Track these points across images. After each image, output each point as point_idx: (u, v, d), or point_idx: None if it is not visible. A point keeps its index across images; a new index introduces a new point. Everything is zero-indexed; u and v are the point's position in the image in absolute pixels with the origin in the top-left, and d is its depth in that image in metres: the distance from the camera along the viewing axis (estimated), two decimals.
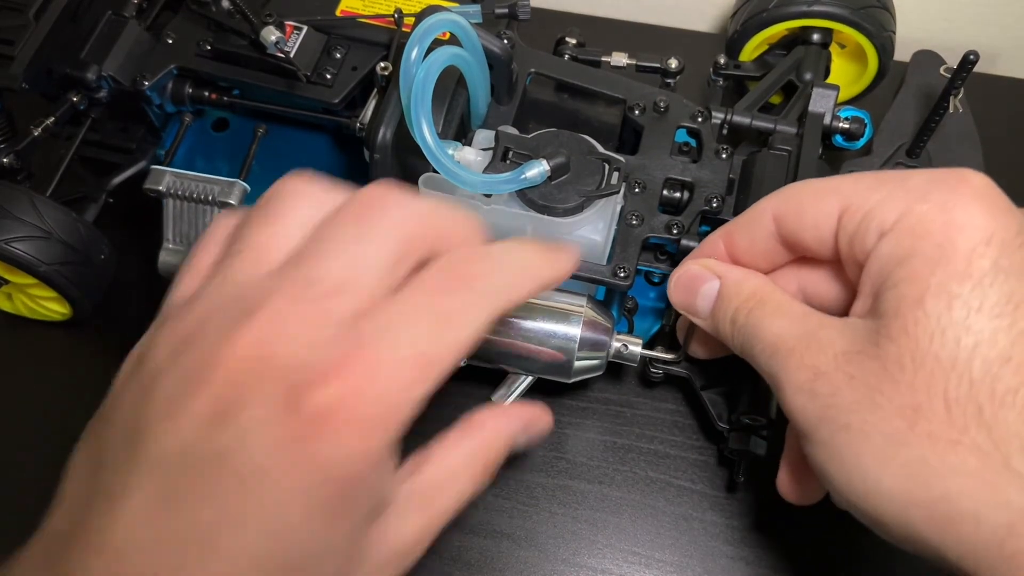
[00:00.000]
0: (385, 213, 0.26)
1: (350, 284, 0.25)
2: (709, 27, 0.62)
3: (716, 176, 0.41)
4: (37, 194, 0.42)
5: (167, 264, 0.39)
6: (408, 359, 0.25)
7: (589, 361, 0.37)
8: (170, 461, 0.24)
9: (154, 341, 0.27)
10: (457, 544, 0.41)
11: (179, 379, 0.25)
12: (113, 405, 0.27)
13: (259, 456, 0.24)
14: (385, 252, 0.26)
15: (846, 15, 0.46)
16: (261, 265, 0.26)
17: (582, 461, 0.43)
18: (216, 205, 0.38)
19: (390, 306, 0.25)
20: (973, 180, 0.28)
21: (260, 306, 0.25)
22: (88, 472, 0.26)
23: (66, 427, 0.45)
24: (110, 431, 0.26)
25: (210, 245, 0.29)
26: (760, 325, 0.31)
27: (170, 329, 0.26)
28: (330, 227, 0.26)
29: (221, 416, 0.24)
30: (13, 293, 0.46)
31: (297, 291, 0.25)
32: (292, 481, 0.24)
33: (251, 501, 0.24)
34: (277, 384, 0.24)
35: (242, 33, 0.44)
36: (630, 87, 0.43)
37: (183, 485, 0.24)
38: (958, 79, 0.42)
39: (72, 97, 0.44)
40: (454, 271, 0.26)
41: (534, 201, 0.37)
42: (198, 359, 0.25)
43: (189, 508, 0.24)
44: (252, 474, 0.24)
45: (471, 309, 0.26)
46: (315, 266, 0.25)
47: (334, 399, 0.24)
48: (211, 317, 0.26)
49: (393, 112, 0.38)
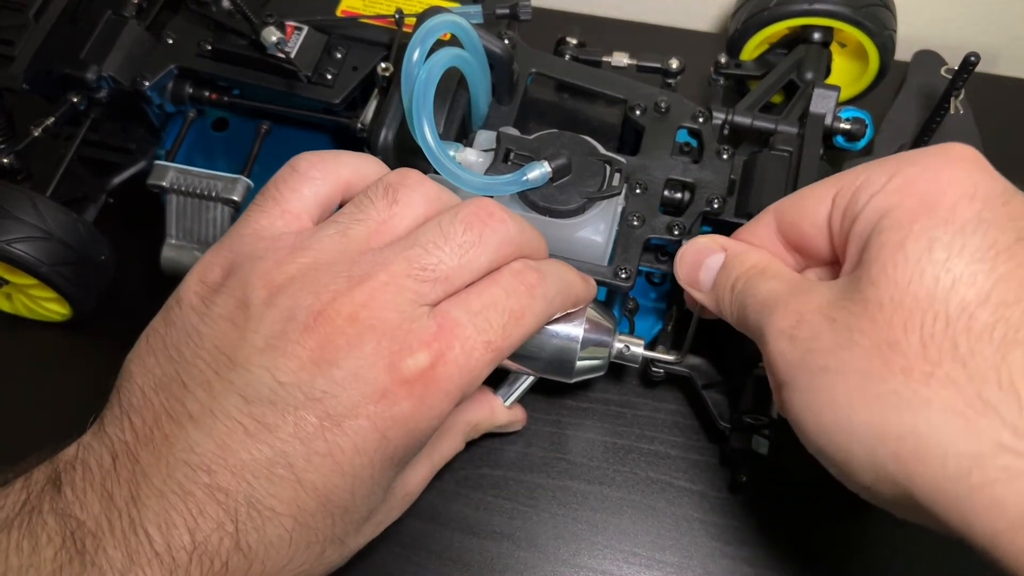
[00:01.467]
0: (495, 229, 0.30)
1: (454, 278, 0.29)
2: (710, 26, 0.62)
3: (717, 177, 0.41)
4: (38, 194, 0.42)
5: (170, 260, 0.39)
6: (482, 343, 0.29)
7: (591, 361, 0.37)
8: (262, 394, 0.27)
9: (249, 273, 0.28)
10: (457, 545, 0.41)
11: (282, 319, 0.27)
12: (195, 323, 0.28)
13: (351, 404, 0.27)
14: (487, 261, 0.30)
15: (847, 13, 0.46)
16: (377, 238, 0.30)
17: (582, 462, 0.43)
18: (219, 201, 0.38)
19: (474, 297, 0.30)
20: (960, 148, 0.29)
21: (372, 275, 0.28)
22: (165, 387, 0.28)
23: (66, 427, 0.45)
24: (194, 352, 0.28)
25: (292, 181, 0.31)
26: (756, 286, 0.32)
27: (271, 266, 0.29)
28: (450, 226, 0.30)
29: (322, 363, 0.27)
30: (13, 293, 0.46)
31: (410, 270, 0.29)
32: (372, 430, 0.27)
33: (333, 443, 0.27)
34: (378, 345, 0.27)
35: (242, 33, 0.44)
36: (631, 87, 0.43)
37: (272, 418, 0.27)
38: (959, 80, 0.42)
39: (72, 97, 0.44)
40: (523, 280, 0.31)
41: (536, 202, 0.37)
42: (306, 306, 0.27)
43: (277, 439, 0.27)
44: (341, 418, 0.27)
45: (531, 313, 0.31)
46: (430, 254, 0.29)
47: (424, 367, 0.28)
48: (322, 269, 0.28)
49: (394, 113, 0.38)
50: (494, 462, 0.43)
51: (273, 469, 0.27)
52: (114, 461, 0.27)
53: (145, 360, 0.29)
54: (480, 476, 0.42)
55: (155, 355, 0.29)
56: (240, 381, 0.27)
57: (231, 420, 0.27)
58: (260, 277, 0.28)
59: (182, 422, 0.27)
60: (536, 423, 0.43)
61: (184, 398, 0.27)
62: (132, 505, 0.26)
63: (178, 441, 0.27)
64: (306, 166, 0.31)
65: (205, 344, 0.28)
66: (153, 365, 0.29)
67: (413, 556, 0.40)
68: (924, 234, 0.27)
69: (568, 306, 0.34)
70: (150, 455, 0.27)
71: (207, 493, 0.26)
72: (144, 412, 0.28)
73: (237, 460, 0.26)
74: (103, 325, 0.47)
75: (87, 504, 0.27)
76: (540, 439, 0.44)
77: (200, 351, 0.28)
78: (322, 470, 0.27)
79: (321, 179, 0.31)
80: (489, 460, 0.43)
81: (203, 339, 0.28)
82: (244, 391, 0.27)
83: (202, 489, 0.26)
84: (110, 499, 0.27)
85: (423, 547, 0.40)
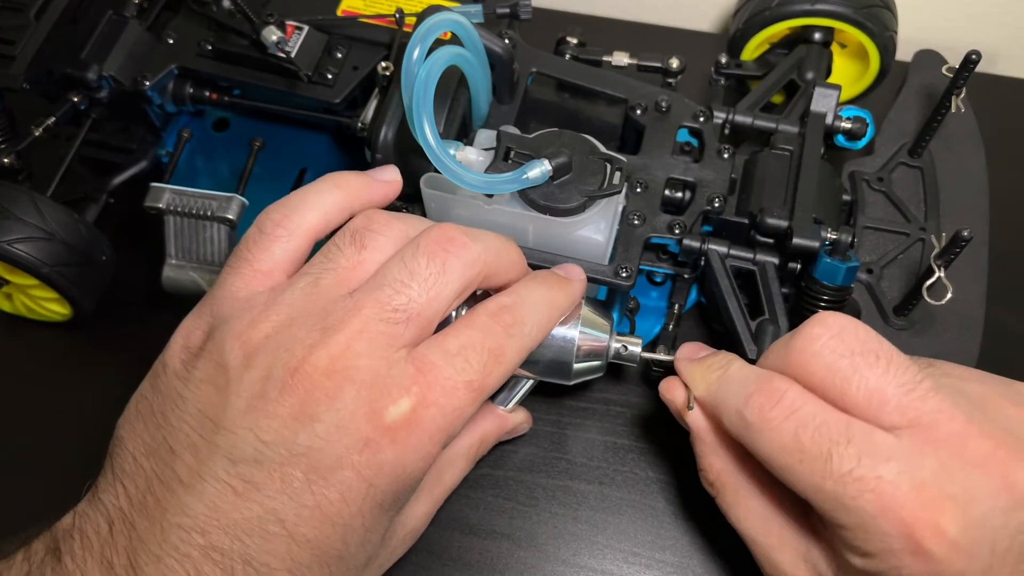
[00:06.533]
0: (457, 255, 0.30)
1: (426, 312, 0.29)
2: (710, 26, 0.62)
3: (718, 176, 0.41)
4: (39, 195, 0.42)
5: (170, 280, 0.39)
6: (463, 383, 0.29)
7: (588, 363, 0.37)
8: (247, 455, 0.27)
9: (226, 335, 0.29)
10: (457, 545, 0.41)
11: (261, 379, 0.28)
12: (179, 388, 0.29)
13: (335, 456, 0.27)
14: (455, 288, 0.30)
15: (848, 14, 0.46)
16: (345, 285, 0.30)
17: (582, 461, 0.43)
18: (215, 220, 0.38)
19: (451, 339, 0.30)
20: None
21: (345, 322, 0.28)
22: (154, 452, 0.28)
23: (66, 427, 0.45)
24: (180, 417, 0.28)
25: (261, 242, 0.32)
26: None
27: (246, 326, 0.29)
28: (413, 260, 0.30)
29: (303, 418, 0.27)
30: (13, 293, 0.46)
31: (381, 313, 0.29)
32: (358, 480, 0.28)
33: (321, 495, 0.27)
34: (357, 394, 0.28)
35: (243, 33, 0.44)
36: (632, 87, 0.43)
37: (259, 477, 0.27)
38: (960, 79, 0.42)
39: (73, 97, 0.44)
40: (499, 320, 0.31)
41: (536, 201, 0.37)
42: (282, 363, 0.28)
43: (265, 496, 0.27)
44: (327, 471, 0.27)
45: (510, 350, 0.31)
46: (398, 294, 0.29)
47: (405, 413, 0.28)
48: (297, 323, 0.29)
49: (395, 112, 0.38)
50: (494, 462, 0.43)
51: (265, 526, 0.27)
52: (111, 528, 0.28)
53: (135, 426, 0.30)
54: (480, 476, 0.42)
55: (143, 421, 0.29)
56: (225, 443, 0.27)
57: (220, 482, 0.27)
58: (236, 339, 0.29)
59: (173, 487, 0.28)
60: (536, 423, 0.43)
61: (173, 463, 0.28)
62: (131, 572, 0.27)
63: (171, 505, 0.27)
64: (271, 226, 0.32)
65: (189, 409, 0.28)
66: (142, 431, 0.29)
67: (413, 556, 0.40)
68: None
69: (555, 322, 0.34)
70: (145, 520, 0.27)
71: (203, 554, 0.27)
72: (136, 478, 0.28)
73: (229, 520, 0.27)
74: (103, 325, 0.47)
75: (88, 573, 0.27)
76: (540, 439, 0.44)
77: (185, 416, 0.28)
78: (312, 523, 0.28)
79: (288, 235, 0.32)
80: (489, 460, 0.43)
81: (187, 404, 0.29)
82: (230, 453, 0.27)
83: (198, 550, 0.27)
84: (110, 567, 0.27)
85: (423, 547, 0.40)
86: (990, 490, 0.27)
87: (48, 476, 0.43)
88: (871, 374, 0.29)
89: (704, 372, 0.34)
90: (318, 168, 0.50)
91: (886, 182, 0.44)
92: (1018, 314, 0.46)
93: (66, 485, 0.45)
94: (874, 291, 0.41)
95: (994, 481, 0.27)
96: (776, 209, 0.39)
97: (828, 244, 0.38)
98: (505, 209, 0.37)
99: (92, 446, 0.44)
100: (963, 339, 0.40)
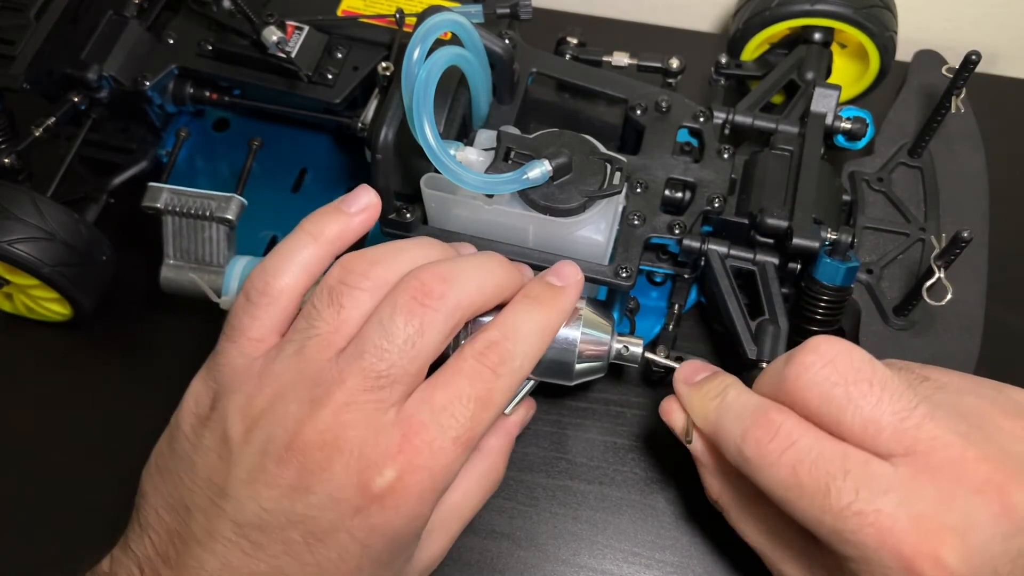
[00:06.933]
0: (436, 309, 0.30)
1: (409, 370, 0.30)
2: (710, 27, 0.62)
3: (718, 176, 0.41)
4: (39, 195, 0.42)
5: (168, 280, 0.39)
6: (449, 441, 0.30)
7: (590, 364, 0.37)
8: (251, 520, 0.29)
9: (227, 407, 0.31)
10: (457, 544, 0.41)
11: (259, 453, 0.30)
12: (190, 453, 0.31)
13: (329, 523, 0.29)
14: (437, 341, 0.31)
15: (848, 14, 0.46)
16: (329, 349, 0.31)
17: (582, 461, 0.43)
18: (214, 220, 0.38)
19: (439, 392, 0.30)
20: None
21: (331, 395, 0.30)
22: (173, 508, 0.31)
23: (66, 427, 0.45)
24: (192, 480, 0.31)
25: (250, 311, 0.33)
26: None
27: (245, 399, 0.31)
28: (391, 323, 0.30)
29: (299, 490, 0.29)
30: (14, 293, 0.46)
31: (365, 383, 0.30)
32: (352, 543, 0.30)
33: (320, 555, 0.30)
34: (347, 465, 0.29)
35: (243, 33, 0.44)
36: (631, 87, 0.43)
37: (263, 540, 0.29)
38: (960, 79, 0.42)
39: (73, 97, 0.44)
40: (487, 361, 0.31)
41: (536, 201, 0.37)
42: (277, 438, 0.30)
43: (270, 556, 0.30)
44: (323, 535, 0.29)
45: (499, 391, 0.31)
46: (380, 361, 0.30)
47: (391, 481, 0.29)
48: (287, 395, 0.30)
49: (395, 112, 0.38)
50: None
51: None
52: (142, 574, 0.31)
53: (155, 480, 0.32)
54: None
55: (162, 476, 0.32)
56: (231, 509, 0.30)
57: (229, 542, 0.30)
58: (236, 412, 0.31)
59: (189, 543, 0.30)
60: (536, 423, 0.43)
61: (188, 520, 0.30)
62: None
63: (190, 558, 0.30)
64: (256, 295, 0.32)
65: (199, 473, 0.31)
66: (161, 485, 0.32)
67: None
68: None
69: (546, 347, 0.34)
70: (169, 571, 0.30)
71: None
72: (159, 530, 0.31)
73: (241, 575, 0.30)
74: (103, 325, 0.47)
75: None
76: (540, 439, 0.44)
77: (196, 479, 0.31)
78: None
79: (272, 301, 0.32)
80: None
81: (197, 469, 0.31)
82: (235, 517, 0.30)
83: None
84: None
85: None
86: (989, 516, 0.28)
87: (48, 476, 0.43)
88: (865, 403, 0.29)
89: (702, 400, 0.34)
90: (318, 168, 0.50)
91: (886, 182, 0.44)
92: (1018, 314, 0.46)
93: (66, 484, 0.45)
94: (874, 291, 0.41)
95: (992, 507, 0.28)
96: (776, 209, 0.39)
97: (828, 244, 0.38)
98: (505, 209, 0.37)
99: (92, 446, 0.44)
100: (963, 339, 0.40)
